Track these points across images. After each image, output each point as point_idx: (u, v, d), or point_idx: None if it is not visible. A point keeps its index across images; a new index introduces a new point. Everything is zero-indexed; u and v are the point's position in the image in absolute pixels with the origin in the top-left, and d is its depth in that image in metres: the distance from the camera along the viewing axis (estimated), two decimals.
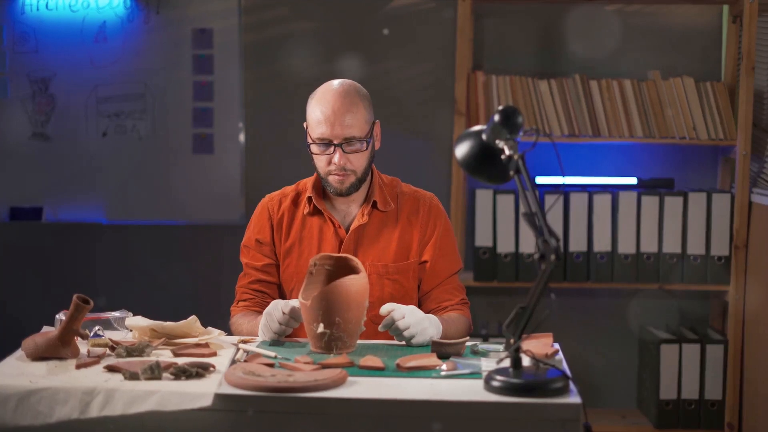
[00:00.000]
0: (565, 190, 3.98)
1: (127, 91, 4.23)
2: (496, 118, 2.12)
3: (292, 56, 4.20)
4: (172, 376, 2.07)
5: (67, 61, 4.22)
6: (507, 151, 2.10)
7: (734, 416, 3.90)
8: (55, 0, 4.19)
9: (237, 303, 2.69)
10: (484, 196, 3.95)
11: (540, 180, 4.02)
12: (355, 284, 2.33)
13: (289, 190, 2.74)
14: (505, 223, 3.95)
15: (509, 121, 2.11)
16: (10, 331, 4.24)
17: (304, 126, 2.62)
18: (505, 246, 3.95)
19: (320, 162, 2.59)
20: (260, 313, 2.57)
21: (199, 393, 1.98)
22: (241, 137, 4.22)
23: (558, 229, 3.94)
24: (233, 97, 4.21)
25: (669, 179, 4.04)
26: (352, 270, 2.40)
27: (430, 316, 2.45)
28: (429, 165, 4.10)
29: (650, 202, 3.94)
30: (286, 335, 2.42)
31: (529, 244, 3.95)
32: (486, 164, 2.17)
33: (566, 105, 3.94)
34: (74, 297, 2.22)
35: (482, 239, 3.95)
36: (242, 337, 2.45)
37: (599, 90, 3.95)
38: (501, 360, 2.04)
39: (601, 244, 3.94)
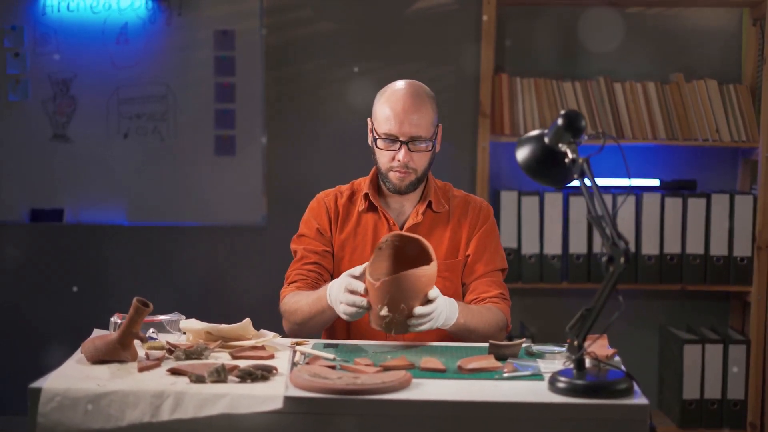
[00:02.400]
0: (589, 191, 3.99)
1: (149, 92, 4.22)
2: (560, 122, 2.14)
3: (314, 57, 4.21)
4: (237, 379, 2.08)
5: (88, 63, 4.21)
6: (570, 155, 2.12)
7: (756, 416, 3.93)
8: (77, 1, 4.18)
9: (288, 285, 2.68)
10: (508, 198, 3.97)
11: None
12: (426, 274, 2.34)
13: (344, 188, 2.76)
14: (529, 225, 3.97)
15: (572, 125, 2.14)
16: (32, 332, 4.26)
17: (368, 121, 2.66)
18: (529, 247, 3.97)
19: (383, 157, 2.61)
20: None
21: (269, 396, 1.98)
22: (263, 139, 4.22)
23: (582, 231, 3.96)
24: (255, 98, 4.20)
25: (692, 181, 4.06)
26: (423, 252, 2.40)
27: (448, 305, 2.44)
28: (453, 167, 4.11)
29: (673, 204, 3.97)
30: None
31: (553, 245, 3.97)
32: (548, 167, 2.19)
33: (590, 107, 3.96)
34: (134, 300, 2.22)
35: (507, 241, 3.97)
36: (297, 340, 2.45)
37: (623, 92, 3.97)
38: (569, 361, 2.05)
39: None
